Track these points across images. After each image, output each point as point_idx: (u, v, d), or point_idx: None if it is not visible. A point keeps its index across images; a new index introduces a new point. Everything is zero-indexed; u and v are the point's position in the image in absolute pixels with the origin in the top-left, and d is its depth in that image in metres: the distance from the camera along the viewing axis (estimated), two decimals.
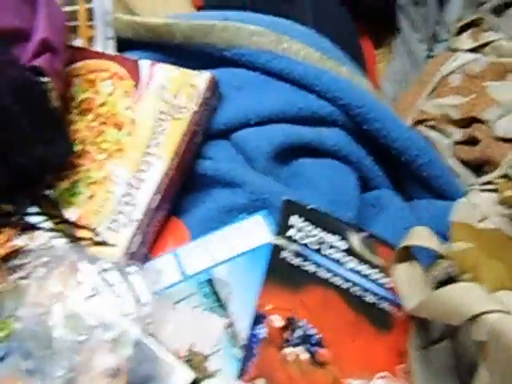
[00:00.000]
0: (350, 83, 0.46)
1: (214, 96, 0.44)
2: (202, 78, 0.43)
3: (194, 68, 0.45)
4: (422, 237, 0.31)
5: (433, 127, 0.58)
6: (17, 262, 0.34)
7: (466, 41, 0.67)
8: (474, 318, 0.25)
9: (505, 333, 0.24)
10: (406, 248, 0.32)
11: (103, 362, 0.30)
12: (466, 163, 0.54)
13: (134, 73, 0.45)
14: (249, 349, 0.31)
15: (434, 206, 0.47)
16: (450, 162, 0.53)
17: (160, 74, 0.45)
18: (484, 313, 0.25)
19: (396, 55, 0.71)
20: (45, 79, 0.37)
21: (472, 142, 0.55)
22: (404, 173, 0.49)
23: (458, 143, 0.56)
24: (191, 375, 0.30)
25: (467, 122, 0.56)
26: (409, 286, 0.30)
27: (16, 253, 0.34)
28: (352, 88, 0.46)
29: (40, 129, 0.37)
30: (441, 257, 0.31)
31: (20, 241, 0.35)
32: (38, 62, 0.37)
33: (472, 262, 0.29)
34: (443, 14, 0.71)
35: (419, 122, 0.59)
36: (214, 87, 0.44)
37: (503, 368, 0.24)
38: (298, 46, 0.45)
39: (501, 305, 0.25)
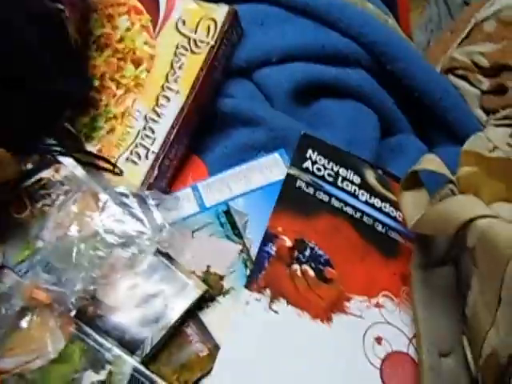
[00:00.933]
0: (374, 19, 0.45)
1: (234, 31, 0.44)
2: (221, 12, 0.43)
3: (215, 3, 0.44)
4: (430, 162, 0.31)
5: (462, 76, 0.57)
6: (42, 191, 0.36)
7: None
8: (467, 224, 0.26)
9: (491, 235, 0.24)
10: (415, 174, 0.32)
11: (121, 276, 0.32)
12: (492, 114, 0.53)
13: (152, 7, 0.45)
14: (258, 263, 0.33)
15: (456, 152, 0.46)
16: (478, 112, 0.52)
17: (178, 8, 0.44)
18: (475, 218, 0.25)
19: (431, 2, 0.69)
20: (61, 6, 0.37)
21: (499, 90, 0.53)
22: (427, 118, 0.48)
23: (485, 92, 0.54)
24: (203, 287, 0.32)
25: (497, 70, 0.54)
26: (413, 207, 0.31)
27: (42, 184, 0.36)
28: (377, 25, 0.45)
29: (60, 60, 0.37)
30: (447, 182, 0.31)
31: (45, 173, 0.37)
32: None
33: (474, 182, 0.29)
34: None
35: (448, 71, 0.58)
36: (234, 21, 0.43)
37: (490, 271, 0.25)
38: None
39: (491, 211, 0.25)
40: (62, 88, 0.39)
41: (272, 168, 0.40)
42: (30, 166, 0.38)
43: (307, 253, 0.34)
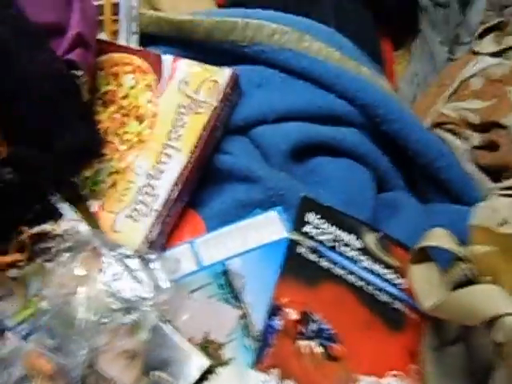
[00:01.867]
0: (369, 83, 0.47)
1: (234, 92, 0.45)
2: (223, 74, 0.44)
3: (214, 64, 0.46)
4: (439, 237, 0.31)
5: (451, 131, 0.58)
6: (42, 245, 0.36)
7: (488, 44, 0.67)
8: (494, 320, 0.25)
9: None
10: (423, 249, 0.33)
11: (122, 344, 0.31)
12: (483, 168, 0.54)
13: (157, 67, 0.47)
14: (264, 339, 0.32)
15: (450, 210, 0.47)
16: (468, 167, 0.54)
17: (182, 69, 0.46)
18: (504, 315, 0.25)
19: (415, 57, 0.71)
20: (79, 73, 0.38)
21: (490, 146, 0.55)
22: (421, 176, 0.50)
23: (476, 148, 0.56)
24: (207, 362, 0.31)
25: (486, 127, 0.56)
26: (425, 286, 0.31)
27: (42, 237, 0.36)
28: (372, 88, 0.47)
29: (76, 119, 0.38)
30: (459, 259, 0.31)
31: (47, 225, 0.37)
32: (73, 56, 0.38)
33: (491, 265, 0.29)
34: (466, 16, 0.71)
35: (437, 125, 0.60)
36: (234, 83, 0.45)
37: None
38: (319, 45, 0.46)
39: None
40: (78, 142, 0.40)
41: (269, 227, 0.41)
42: (30, 215, 0.38)
43: (313, 327, 0.33)
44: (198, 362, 0.31)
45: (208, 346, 0.33)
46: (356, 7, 0.59)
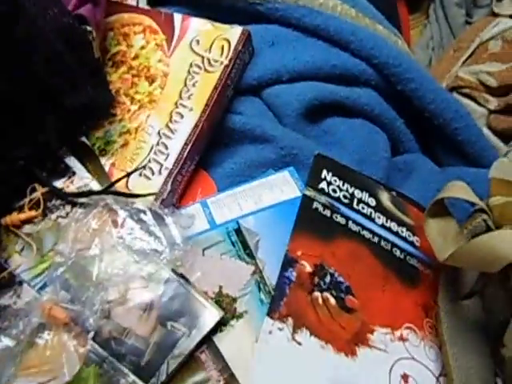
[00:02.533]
0: (386, 41, 0.45)
1: (246, 51, 0.44)
2: (234, 32, 0.43)
3: (226, 23, 0.44)
4: (459, 189, 0.30)
5: (467, 95, 0.57)
6: (56, 202, 0.35)
7: (509, 6, 0.64)
8: None
9: None
10: (440, 202, 0.32)
11: (137, 296, 0.31)
12: (499, 133, 0.53)
13: (167, 26, 0.45)
14: (279, 289, 0.32)
15: (467, 172, 0.46)
16: (485, 131, 0.52)
17: (193, 28, 0.45)
18: None
19: (432, 20, 0.69)
20: (89, 28, 0.37)
21: (508, 111, 0.53)
22: (437, 138, 0.48)
23: (492, 112, 0.54)
24: (220, 313, 0.31)
25: (504, 90, 0.54)
26: (442, 238, 0.30)
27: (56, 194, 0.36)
28: (388, 46, 0.45)
29: (86, 75, 0.37)
30: (478, 211, 0.30)
31: (59, 183, 0.37)
32: (83, 11, 0.37)
33: (510, 213, 0.28)
34: None
35: (453, 89, 0.58)
36: (246, 42, 0.43)
37: None
38: (334, 1, 0.44)
39: None
40: (88, 100, 0.39)
41: (282, 186, 0.40)
42: (44, 173, 0.38)
43: (327, 279, 0.33)
44: (211, 313, 0.31)
45: (221, 300, 0.32)
46: None
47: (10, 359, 0.29)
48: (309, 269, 0.33)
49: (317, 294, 0.32)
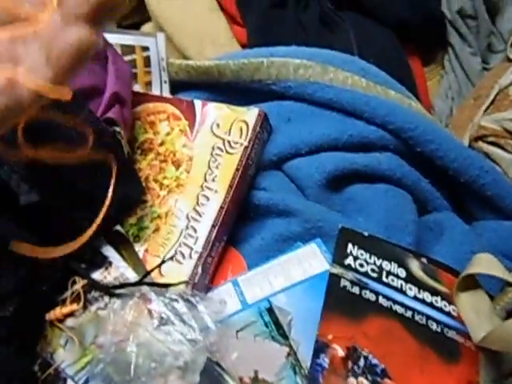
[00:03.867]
0: (399, 106, 0.48)
1: (264, 130, 0.48)
2: (251, 114, 0.47)
3: (243, 104, 0.49)
4: (486, 264, 0.31)
5: (493, 143, 0.58)
6: (95, 294, 0.39)
7: None
8: None
9: None
10: (470, 275, 0.32)
11: None
12: None
13: (189, 113, 0.50)
14: (313, 378, 0.33)
15: (501, 227, 0.46)
16: None
17: (212, 113, 0.49)
18: None
19: (448, 70, 0.71)
20: (117, 129, 0.42)
21: None
22: (465, 194, 0.49)
23: None
24: None
25: None
26: (475, 315, 0.30)
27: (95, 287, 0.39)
28: (402, 111, 0.47)
29: (119, 174, 0.42)
30: (509, 285, 0.30)
31: (97, 274, 0.40)
32: (111, 114, 0.42)
33: None
34: (497, 24, 0.71)
35: (478, 139, 0.59)
36: (263, 122, 0.47)
37: None
38: (343, 74, 0.48)
39: None
40: (121, 195, 0.43)
41: (310, 260, 0.42)
42: (82, 265, 0.41)
43: (361, 363, 0.33)
44: None
45: None
46: (378, 30, 0.60)
47: None
48: (341, 353, 0.34)
49: (352, 380, 0.32)
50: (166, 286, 0.38)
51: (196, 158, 0.48)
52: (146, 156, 0.50)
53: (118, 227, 0.45)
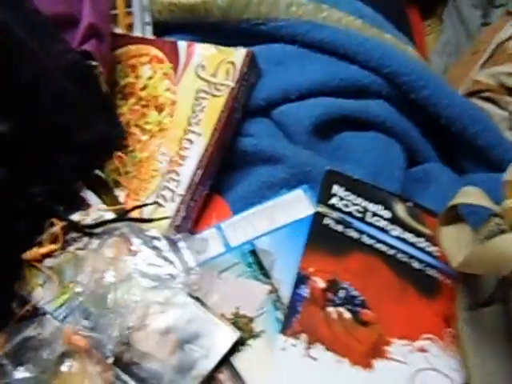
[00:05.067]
0: (395, 50, 0.47)
1: (252, 72, 0.47)
2: (239, 55, 0.47)
3: (230, 46, 0.48)
4: (472, 195, 0.32)
5: (487, 99, 0.58)
6: (73, 235, 0.39)
7: None
8: None
9: None
10: (454, 209, 0.33)
11: (155, 321, 0.34)
12: None
13: (173, 55, 0.50)
14: (292, 307, 0.34)
15: (490, 178, 0.47)
16: (507, 135, 0.53)
17: (197, 54, 0.49)
18: None
19: (447, 25, 0.71)
20: (95, 63, 0.41)
21: None
22: (456, 145, 0.50)
23: None
24: (236, 333, 0.34)
25: None
26: (456, 243, 0.32)
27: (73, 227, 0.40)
28: (397, 55, 0.47)
29: (96, 110, 0.41)
30: (492, 216, 0.32)
31: (76, 216, 0.40)
32: (87, 47, 0.42)
33: None
34: None
35: (472, 94, 0.59)
36: (251, 63, 0.47)
37: None
38: (338, 14, 0.47)
39: None
40: (100, 136, 0.43)
41: (296, 205, 0.42)
42: (60, 207, 0.42)
43: (341, 294, 0.35)
44: (228, 334, 0.34)
45: (238, 321, 0.35)
46: None
47: None
48: (322, 285, 0.35)
49: (331, 309, 0.34)
50: (148, 221, 0.39)
51: (180, 102, 0.47)
52: (127, 101, 0.50)
53: (98, 171, 0.45)
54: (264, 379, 0.33)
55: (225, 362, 0.33)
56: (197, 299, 0.35)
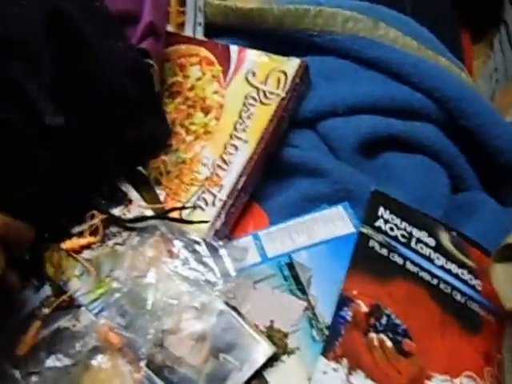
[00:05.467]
0: (448, 74, 0.47)
1: (303, 83, 0.47)
2: (292, 64, 0.46)
3: (283, 55, 0.48)
4: None
5: None
6: (113, 229, 0.39)
7: None
8: None
9: None
10: (508, 247, 0.32)
11: (190, 326, 0.33)
12: None
13: (223, 58, 0.50)
14: (334, 329, 0.34)
15: None
16: None
17: (249, 60, 0.48)
18: None
19: (496, 51, 0.69)
20: (151, 62, 0.42)
21: None
22: (501, 177, 0.49)
23: None
24: (272, 348, 0.33)
25: None
26: (509, 285, 0.31)
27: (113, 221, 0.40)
28: (451, 79, 0.47)
29: (147, 109, 0.41)
30: None
31: (116, 211, 0.41)
32: (145, 45, 0.42)
33: None
34: None
35: None
36: (303, 74, 0.47)
37: None
38: (395, 33, 0.47)
39: None
40: (149, 134, 0.43)
41: (336, 221, 0.42)
42: (102, 200, 0.42)
43: (384, 321, 0.34)
44: (263, 348, 0.33)
45: (273, 335, 0.34)
46: None
47: (66, 379, 0.32)
48: (365, 309, 0.34)
49: (372, 335, 0.33)
50: (187, 222, 0.38)
51: (227, 106, 0.47)
52: (174, 100, 0.50)
53: (140, 168, 0.45)
54: None
55: (258, 375, 0.33)
56: (233, 308, 0.34)
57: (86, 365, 0.33)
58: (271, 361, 0.33)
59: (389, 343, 0.33)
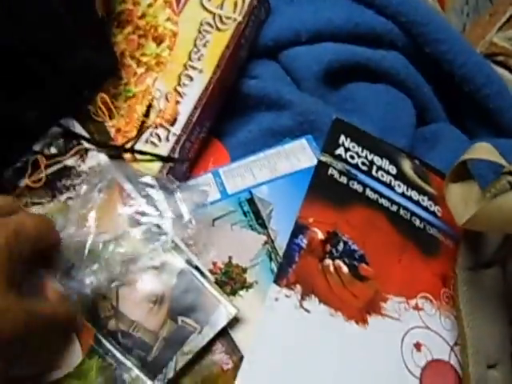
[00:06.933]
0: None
1: (261, 7, 0.43)
2: None
3: None
4: (483, 151, 0.30)
5: (501, 63, 0.55)
6: (66, 182, 0.35)
7: None
8: None
9: None
10: (463, 165, 0.31)
11: (147, 287, 0.31)
12: None
13: None
14: (288, 256, 0.32)
15: (497, 143, 0.44)
16: None
17: None
18: None
19: None
20: None
21: None
22: (466, 107, 0.47)
23: None
24: (234, 310, 0.31)
25: None
26: (462, 201, 0.30)
27: (65, 173, 0.35)
28: (417, 4, 0.43)
29: (87, 34, 0.37)
30: (503, 174, 0.29)
31: (71, 161, 0.36)
32: None
33: None
34: None
35: (487, 57, 0.56)
36: None
37: None
38: None
39: None
40: (88, 62, 0.38)
41: (299, 155, 0.39)
42: (54, 150, 0.38)
43: (340, 247, 0.33)
44: (225, 310, 0.31)
45: (231, 270, 0.32)
46: None
47: None
48: (321, 236, 0.33)
49: (328, 261, 0.32)
50: (144, 153, 0.34)
51: (181, 34, 0.43)
52: (123, 29, 0.44)
53: (88, 106, 0.40)
54: (254, 329, 0.30)
55: (223, 333, 0.30)
56: (196, 268, 0.31)
57: None
58: (229, 296, 0.31)
59: (345, 269, 0.32)
